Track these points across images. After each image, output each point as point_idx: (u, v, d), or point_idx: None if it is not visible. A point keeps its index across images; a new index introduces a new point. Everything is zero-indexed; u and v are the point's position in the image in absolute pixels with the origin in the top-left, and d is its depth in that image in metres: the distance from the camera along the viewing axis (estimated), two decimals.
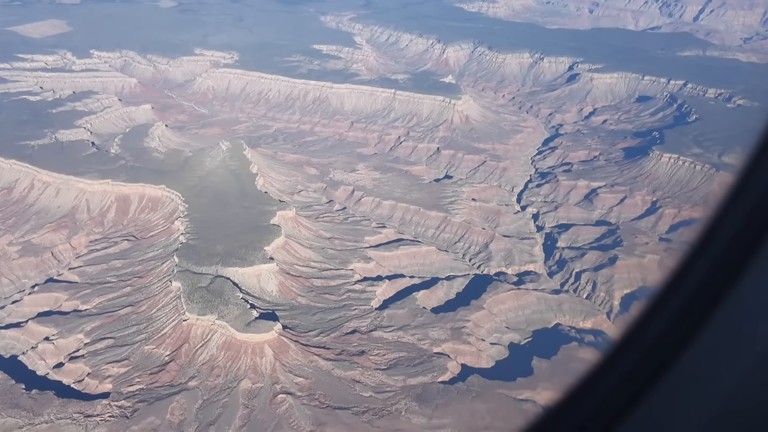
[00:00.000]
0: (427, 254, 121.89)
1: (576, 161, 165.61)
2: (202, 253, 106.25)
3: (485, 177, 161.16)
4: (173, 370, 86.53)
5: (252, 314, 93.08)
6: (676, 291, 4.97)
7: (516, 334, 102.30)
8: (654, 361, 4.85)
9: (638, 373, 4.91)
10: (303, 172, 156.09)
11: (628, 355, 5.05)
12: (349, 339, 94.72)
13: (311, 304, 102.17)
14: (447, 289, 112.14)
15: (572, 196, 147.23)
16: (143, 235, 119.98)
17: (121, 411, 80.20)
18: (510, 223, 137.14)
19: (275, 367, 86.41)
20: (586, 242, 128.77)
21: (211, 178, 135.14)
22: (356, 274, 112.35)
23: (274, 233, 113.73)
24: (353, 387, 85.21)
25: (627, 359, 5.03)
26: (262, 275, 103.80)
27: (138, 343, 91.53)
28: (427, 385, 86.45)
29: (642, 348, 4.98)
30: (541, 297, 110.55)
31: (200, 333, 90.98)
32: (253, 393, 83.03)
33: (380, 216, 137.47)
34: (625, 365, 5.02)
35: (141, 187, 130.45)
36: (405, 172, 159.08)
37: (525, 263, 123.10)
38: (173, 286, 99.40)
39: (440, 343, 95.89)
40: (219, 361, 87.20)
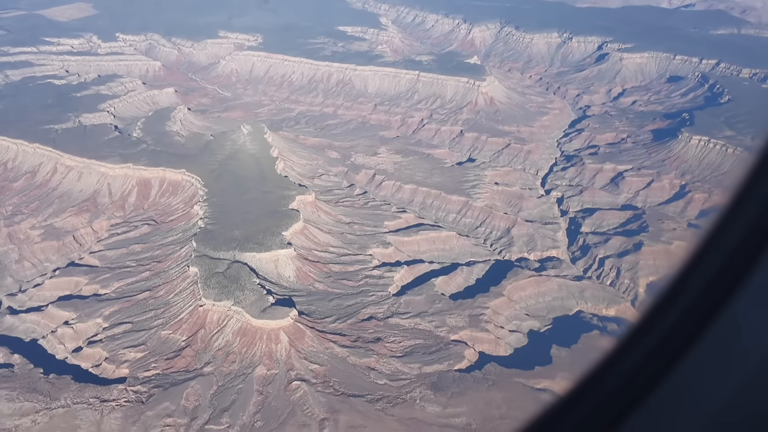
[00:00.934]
0: (447, 239, 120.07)
1: (603, 144, 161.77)
2: (220, 238, 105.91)
3: (509, 160, 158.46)
4: (189, 355, 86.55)
5: (268, 300, 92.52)
6: (681, 292, 5.03)
7: (536, 321, 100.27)
8: (657, 362, 4.93)
9: (640, 374, 4.99)
10: (324, 155, 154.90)
11: (632, 354, 5.13)
12: (365, 325, 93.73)
13: (328, 289, 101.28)
14: (466, 275, 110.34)
15: (598, 179, 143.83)
16: (163, 219, 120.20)
17: (136, 396, 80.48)
18: (533, 208, 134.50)
19: (290, 353, 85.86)
20: (611, 227, 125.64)
21: (231, 162, 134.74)
22: (375, 259, 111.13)
23: (293, 218, 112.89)
24: (368, 374, 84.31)
25: (631, 358, 5.12)
26: (279, 260, 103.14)
27: (155, 328, 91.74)
28: (442, 373, 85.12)
29: (646, 347, 5.06)
30: (562, 283, 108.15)
31: (216, 319, 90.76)
32: (267, 379, 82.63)
33: (401, 200, 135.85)
34: (629, 364, 5.10)
35: (162, 171, 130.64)
36: (427, 156, 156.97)
37: (547, 249, 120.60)
38: (190, 271, 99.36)
39: (458, 330, 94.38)
40: (234, 347, 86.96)
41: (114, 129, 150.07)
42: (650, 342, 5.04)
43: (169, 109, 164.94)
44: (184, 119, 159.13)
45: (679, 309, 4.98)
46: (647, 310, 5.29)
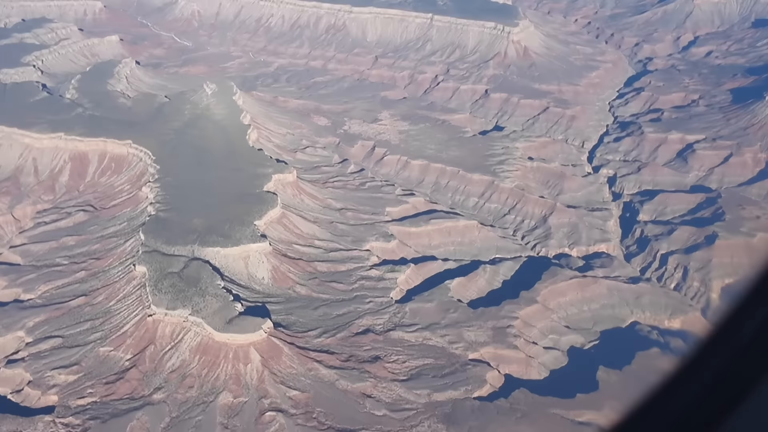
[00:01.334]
0: (467, 230, 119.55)
1: (668, 107, 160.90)
2: (175, 229, 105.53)
3: (547, 128, 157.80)
4: (134, 378, 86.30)
5: (235, 308, 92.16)
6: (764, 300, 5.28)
7: (578, 335, 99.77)
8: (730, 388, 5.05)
9: (709, 403, 5.17)
10: (310, 122, 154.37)
11: (699, 378, 5.36)
12: (359, 341, 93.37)
13: (313, 295, 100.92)
14: (490, 277, 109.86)
15: (660, 153, 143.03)
16: (103, 204, 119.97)
17: (67, 431, 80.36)
18: (577, 190, 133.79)
19: (263, 376, 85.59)
20: (677, 215, 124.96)
21: (190, 131, 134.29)
22: (373, 255, 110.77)
23: (268, 203, 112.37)
24: (363, 403, 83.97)
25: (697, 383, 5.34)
26: (250, 258, 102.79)
27: (91, 344, 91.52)
28: (458, 402, 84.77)
29: (716, 370, 5.25)
30: (613, 287, 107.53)
31: (169, 332, 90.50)
32: (234, 409, 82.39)
33: (407, 180, 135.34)
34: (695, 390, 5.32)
35: (102, 142, 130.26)
36: (442, 123, 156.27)
37: (594, 242, 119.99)
38: (137, 271, 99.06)
39: (478, 347, 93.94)
40: (192, 369, 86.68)
41: (41, 88, 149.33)
42: (722, 363, 5.24)
43: (113, 63, 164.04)
44: (131, 76, 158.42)
45: (759, 321, 5.16)
46: (721, 322, 5.43)
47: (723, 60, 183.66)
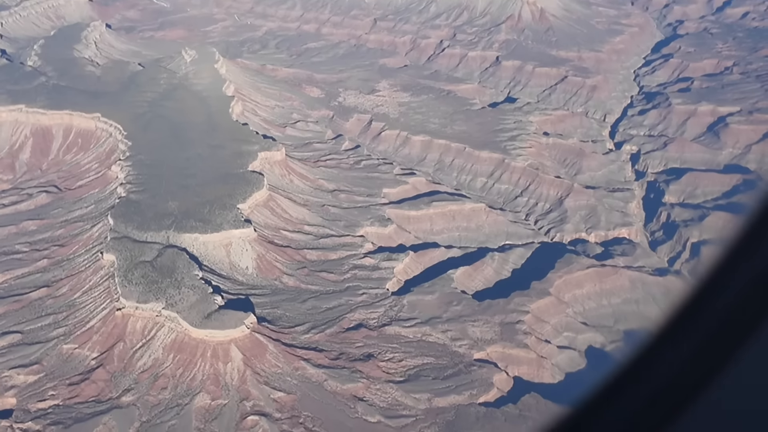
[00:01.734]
0: (473, 214, 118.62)
1: (698, 75, 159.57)
2: (148, 213, 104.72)
3: (565, 100, 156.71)
4: (101, 379, 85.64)
5: (215, 301, 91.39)
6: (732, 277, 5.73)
7: (597, 333, 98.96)
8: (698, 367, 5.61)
9: (679, 379, 5.73)
10: (302, 94, 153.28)
11: (668, 354, 5.96)
12: (351, 337, 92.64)
13: (302, 286, 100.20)
14: (499, 265, 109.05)
15: (690, 127, 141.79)
16: (68, 184, 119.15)
17: None
18: (597, 168, 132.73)
19: (245, 376, 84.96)
20: (709, 197, 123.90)
21: (166, 103, 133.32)
22: (368, 242, 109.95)
23: (253, 184, 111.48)
24: (354, 407, 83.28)
25: (667, 359, 5.94)
26: (233, 245, 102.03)
27: (54, 341, 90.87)
28: (461, 407, 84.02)
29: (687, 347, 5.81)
30: (637, 279, 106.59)
31: (140, 328, 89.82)
32: (212, 413, 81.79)
33: (408, 158, 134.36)
34: (664, 367, 5.92)
35: (67, 116, 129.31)
36: (447, 94, 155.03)
37: (615, 227, 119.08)
38: (105, 259, 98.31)
39: (484, 345, 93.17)
40: (166, 368, 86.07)
41: (0, 55, 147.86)
42: (692, 341, 5.73)
43: (80, 26, 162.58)
44: (100, 41, 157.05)
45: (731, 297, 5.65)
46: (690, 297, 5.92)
47: (761, 22, 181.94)
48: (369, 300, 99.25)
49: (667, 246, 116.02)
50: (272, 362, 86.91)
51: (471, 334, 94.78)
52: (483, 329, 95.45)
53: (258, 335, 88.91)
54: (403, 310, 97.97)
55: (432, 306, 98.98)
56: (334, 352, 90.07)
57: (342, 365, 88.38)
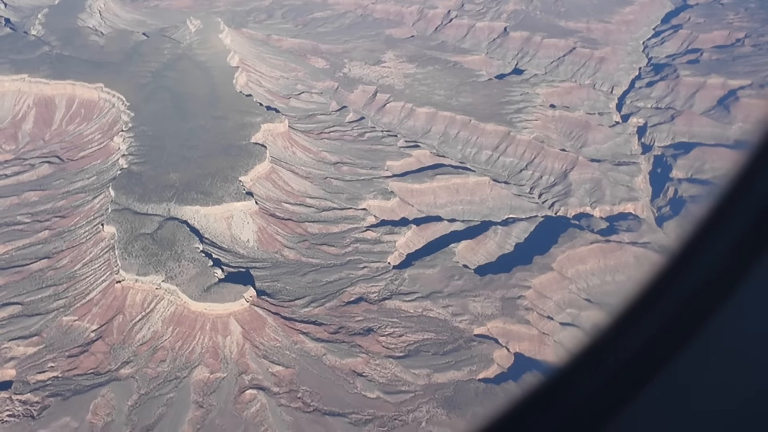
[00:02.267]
0: (477, 187, 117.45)
1: (708, 47, 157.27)
2: (150, 185, 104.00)
3: (573, 72, 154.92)
4: (100, 351, 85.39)
5: (215, 274, 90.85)
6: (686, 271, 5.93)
7: (600, 311, 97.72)
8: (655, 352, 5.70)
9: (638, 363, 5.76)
10: (306, 64, 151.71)
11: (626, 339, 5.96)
12: (351, 311, 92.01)
13: (302, 259, 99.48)
14: (501, 239, 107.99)
15: (698, 100, 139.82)
16: (71, 155, 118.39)
17: (25, 409, 79.63)
18: (603, 141, 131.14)
19: (244, 349, 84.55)
20: (718, 173, 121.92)
21: (170, 73, 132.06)
22: (370, 215, 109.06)
23: (256, 156, 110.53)
24: (353, 382, 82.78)
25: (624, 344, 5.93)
26: (233, 218, 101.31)
27: (54, 313, 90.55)
28: (461, 383, 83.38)
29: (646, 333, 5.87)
30: (641, 255, 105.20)
31: (140, 300, 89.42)
32: (210, 386, 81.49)
33: (412, 130, 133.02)
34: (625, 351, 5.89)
35: (70, 86, 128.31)
36: (453, 65, 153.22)
37: (620, 201, 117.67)
38: (105, 231, 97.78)
39: (485, 320, 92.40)
40: (165, 341, 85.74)
41: (4, 24, 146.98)
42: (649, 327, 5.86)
43: None
44: (105, 10, 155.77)
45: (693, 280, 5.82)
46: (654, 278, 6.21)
47: None
48: (370, 274, 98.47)
49: (673, 221, 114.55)
50: (271, 336, 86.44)
51: (472, 309, 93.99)
52: (484, 304, 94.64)
53: (257, 308, 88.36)
54: (404, 284, 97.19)
55: (433, 280, 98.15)
56: (334, 326, 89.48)
57: (341, 339, 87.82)
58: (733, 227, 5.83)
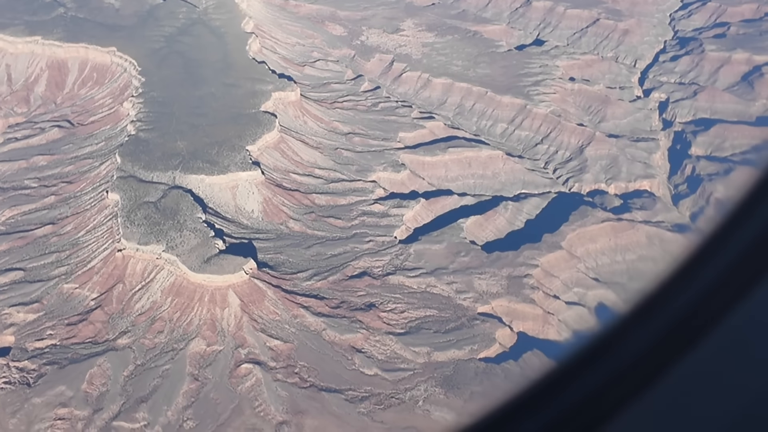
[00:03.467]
0: (490, 161, 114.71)
1: (736, 21, 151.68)
2: (156, 152, 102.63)
3: (595, 44, 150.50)
4: (99, 320, 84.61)
5: (216, 245, 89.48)
6: None
7: (608, 291, 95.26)
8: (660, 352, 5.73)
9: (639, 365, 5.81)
10: (324, 31, 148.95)
11: (630, 340, 5.95)
12: (354, 285, 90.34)
13: (308, 231, 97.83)
14: (512, 215, 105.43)
15: (722, 75, 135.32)
16: (81, 120, 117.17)
17: (21, 376, 79.12)
18: (622, 117, 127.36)
19: (242, 322, 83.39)
20: (737, 151, 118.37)
21: (183, 39, 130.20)
22: (379, 188, 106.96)
23: (265, 126, 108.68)
24: (351, 359, 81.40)
25: (629, 344, 5.94)
26: (239, 188, 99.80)
27: (55, 280, 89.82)
28: (461, 362, 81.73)
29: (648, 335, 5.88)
30: (654, 235, 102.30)
31: (140, 270, 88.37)
32: (206, 359, 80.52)
33: (428, 101, 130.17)
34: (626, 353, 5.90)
35: (83, 49, 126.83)
36: (473, 35, 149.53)
37: (636, 178, 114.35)
38: (109, 198, 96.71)
39: (489, 298, 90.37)
40: (163, 311, 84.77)
41: None
42: (654, 328, 5.85)
43: None
44: None
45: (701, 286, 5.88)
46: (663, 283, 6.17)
47: None
48: (375, 248, 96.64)
49: (690, 200, 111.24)
50: (270, 309, 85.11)
51: (477, 286, 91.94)
52: (489, 282, 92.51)
53: (257, 281, 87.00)
54: (409, 259, 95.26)
55: (439, 256, 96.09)
56: (336, 301, 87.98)
57: (342, 314, 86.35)
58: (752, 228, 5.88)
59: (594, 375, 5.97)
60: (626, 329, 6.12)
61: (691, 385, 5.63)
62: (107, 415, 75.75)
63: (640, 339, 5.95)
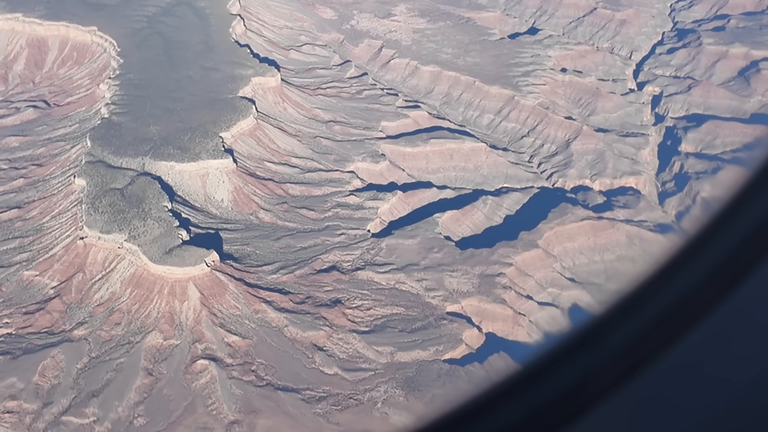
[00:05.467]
0: (473, 153, 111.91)
1: (737, 13, 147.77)
2: (128, 137, 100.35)
3: (591, 34, 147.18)
4: (57, 310, 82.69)
5: (179, 236, 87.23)
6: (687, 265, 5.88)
7: (584, 291, 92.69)
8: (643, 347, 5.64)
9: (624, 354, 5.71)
10: (314, 14, 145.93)
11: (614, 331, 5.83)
12: (321, 279, 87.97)
13: (278, 222, 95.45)
14: (491, 210, 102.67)
15: (719, 70, 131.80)
16: (58, 100, 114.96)
17: None
18: (613, 110, 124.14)
19: (201, 317, 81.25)
20: (728, 148, 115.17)
21: (166, 19, 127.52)
22: (357, 179, 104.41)
23: (240, 112, 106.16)
24: (312, 357, 79.15)
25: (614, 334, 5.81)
26: (209, 176, 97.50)
27: (17, 266, 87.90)
28: (424, 363, 79.38)
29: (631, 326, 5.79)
30: (635, 235, 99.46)
31: (101, 259, 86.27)
32: (162, 353, 78.49)
33: (415, 89, 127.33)
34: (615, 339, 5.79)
35: (64, 27, 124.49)
36: (466, 22, 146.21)
37: (622, 175, 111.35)
38: (76, 184, 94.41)
39: (459, 297, 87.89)
40: (122, 303, 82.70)
41: None
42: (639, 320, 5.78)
43: None
44: None
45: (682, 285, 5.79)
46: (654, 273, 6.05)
47: None
48: (347, 241, 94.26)
49: (676, 198, 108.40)
50: (231, 303, 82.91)
51: (447, 284, 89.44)
52: (461, 280, 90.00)
53: (219, 274, 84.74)
54: (381, 254, 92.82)
55: (411, 251, 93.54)
56: (301, 296, 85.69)
57: (306, 310, 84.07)
58: None
59: (573, 367, 5.76)
60: (608, 322, 5.93)
61: (673, 378, 5.58)
62: (57, 409, 73.90)
63: (622, 332, 5.81)
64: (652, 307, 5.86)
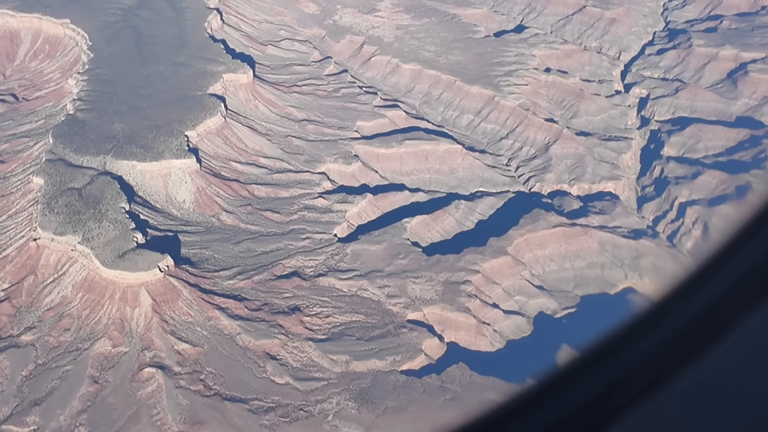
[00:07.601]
0: (448, 155, 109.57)
1: (730, 14, 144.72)
2: (91, 134, 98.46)
3: (579, 33, 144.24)
4: (6, 314, 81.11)
5: (133, 239, 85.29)
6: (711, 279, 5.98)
7: (551, 299, 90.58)
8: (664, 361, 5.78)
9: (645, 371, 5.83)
10: (295, 8, 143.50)
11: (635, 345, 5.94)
12: (280, 286, 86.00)
13: (240, 225, 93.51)
14: (463, 215, 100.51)
15: (708, 72, 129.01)
16: (27, 94, 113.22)
17: None
18: (596, 113, 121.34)
19: (151, 323, 79.40)
20: (710, 152, 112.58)
21: (141, 12, 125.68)
22: (327, 180, 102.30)
23: (208, 109, 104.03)
24: (263, 366, 77.30)
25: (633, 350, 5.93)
26: (171, 176, 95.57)
27: None
28: (380, 374, 77.42)
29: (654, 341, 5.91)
30: (607, 241, 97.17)
31: (54, 261, 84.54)
32: (110, 361, 76.75)
33: (395, 87, 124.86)
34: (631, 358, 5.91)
35: (37, 19, 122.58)
36: (451, 18, 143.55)
37: (601, 180, 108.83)
38: (34, 182, 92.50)
39: (422, 304, 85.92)
40: (72, 308, 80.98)
41: None
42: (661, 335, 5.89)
43: None
44: None
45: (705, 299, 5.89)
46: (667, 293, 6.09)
47: None
48: (311, 246, 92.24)
49: (654, 204, 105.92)
50: (184, 310, 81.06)
51: (410, 291, 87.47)
52: (424, 287, 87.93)
53: (173, 279, 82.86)
54: (345, 259, 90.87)
55: (376, 257, 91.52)
56: (257, 302, 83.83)
57: (262, 318, 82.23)
58: None
59: (597, 379, 5.91)
60: (633, 333, 5.97)
61: (699, 391, 5.67)
62: None
63: (646, 345, 5.90)
64: (678, 320, 5.89)
